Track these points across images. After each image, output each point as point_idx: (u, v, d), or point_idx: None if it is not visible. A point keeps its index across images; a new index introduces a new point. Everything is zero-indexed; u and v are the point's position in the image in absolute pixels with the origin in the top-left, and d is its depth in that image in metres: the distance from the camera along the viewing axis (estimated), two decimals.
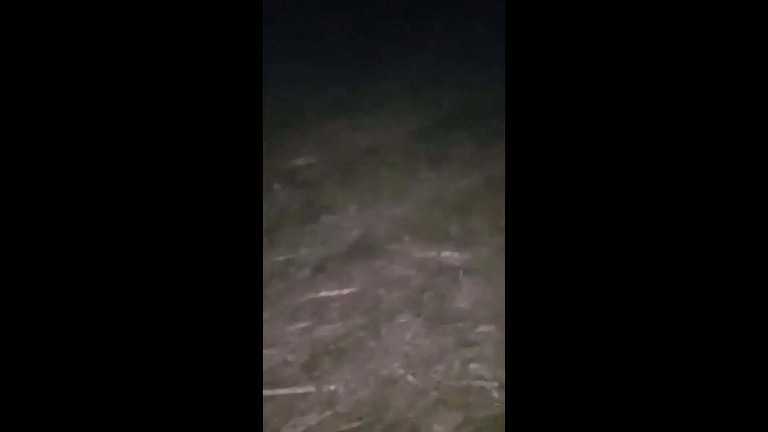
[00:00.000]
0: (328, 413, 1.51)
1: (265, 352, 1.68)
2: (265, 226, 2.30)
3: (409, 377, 1.61)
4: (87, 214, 0.75)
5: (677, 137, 0.76)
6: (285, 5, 9.60)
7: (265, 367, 1.63)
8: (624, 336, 0.76)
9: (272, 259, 2.15)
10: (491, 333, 1.77)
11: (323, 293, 1.97)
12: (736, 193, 0.73)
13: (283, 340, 1.76)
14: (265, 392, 1.55)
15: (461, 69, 4.51)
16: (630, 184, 0.77)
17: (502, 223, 2.32)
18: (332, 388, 1.58)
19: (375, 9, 8.77)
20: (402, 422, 1.47)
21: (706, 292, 0.73)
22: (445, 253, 2.17)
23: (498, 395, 1.53)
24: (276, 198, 2.59)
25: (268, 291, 1.95)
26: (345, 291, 1.98)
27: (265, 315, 1.82)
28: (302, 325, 1.82)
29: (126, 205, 0.76)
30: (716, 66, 0.75)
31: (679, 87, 0.77)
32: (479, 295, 1.95)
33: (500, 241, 2.19)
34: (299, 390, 1.57)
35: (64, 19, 0.75)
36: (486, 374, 1.61)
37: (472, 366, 1.64)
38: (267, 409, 1.50)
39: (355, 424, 1.46)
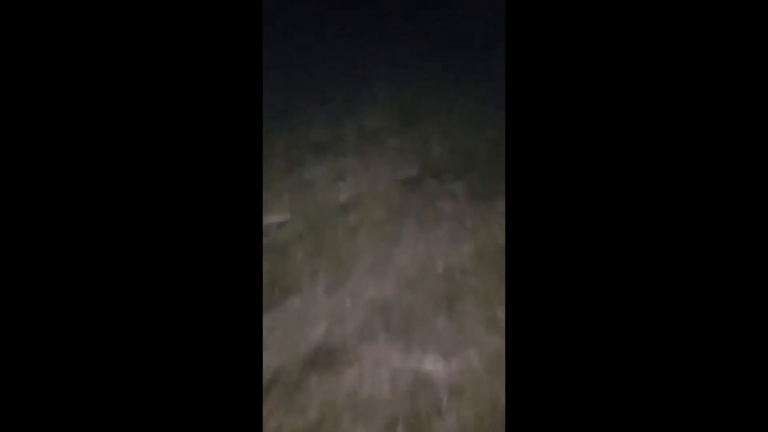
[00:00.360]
0: None
1: None
2: None
3: None
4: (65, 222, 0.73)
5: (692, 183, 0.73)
6: (285, 5, 9.37)
7: None
8: None
9: None
10: None
11: (272, 421, 1.53)
12: (736, 193, 0.71)
13: None
14: None
15: (460, 82, 4.01)
16: (654, 255, 0.73)
17: (500, 312, 1.86)
18: None
19: (375, 9, 8.49)
20: None
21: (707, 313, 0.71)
22: (428, 362, 1.71)
23: None
24: None
25: None
26: (298, 423, 1.53)
27: None
28: None
29: (124, 210, 0.74)
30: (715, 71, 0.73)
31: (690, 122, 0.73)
32: (469, 429, 1.49)
33: (496, 341, 1.73)
34: None
35: (63, 19, 0.74)
36: None
37: None
38: None
39: None
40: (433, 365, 1.70)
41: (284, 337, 1.85)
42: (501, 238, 2.30)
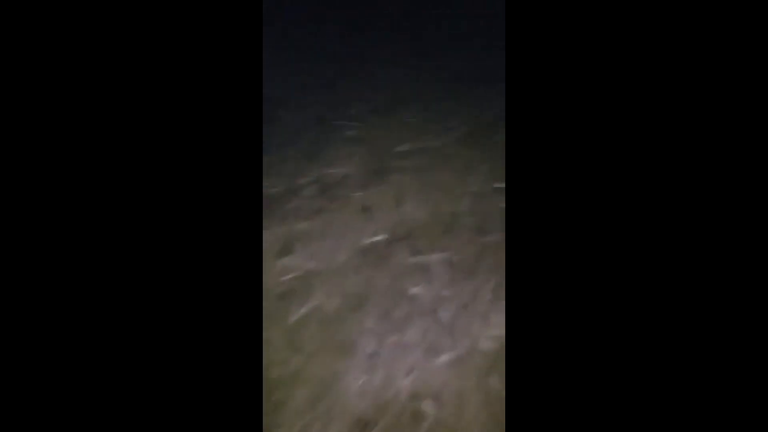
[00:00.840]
0: None
1: None
2: None
3: None
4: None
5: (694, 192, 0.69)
6: (285, 5, 9.15)
7: None
8: None
9: None
10: None
11: None
12: (736, 193, 0.68)
13: None
14: None
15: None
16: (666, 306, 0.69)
17: None
18: None
19: (375, 9, 8.17)
20: None
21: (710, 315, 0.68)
22: None
23: None
24: None
25: None
26: None
27: None
28: None
29: (124, 209, 0.71)
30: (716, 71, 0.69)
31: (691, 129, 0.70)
32: None
33: None
34: None
35: (62, 18, 0.71)
36: None
37: None
38: None
39: None
40: None
41: None
42: (487, 343, 1.63)
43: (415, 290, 1.82)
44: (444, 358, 1.58)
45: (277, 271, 1.93)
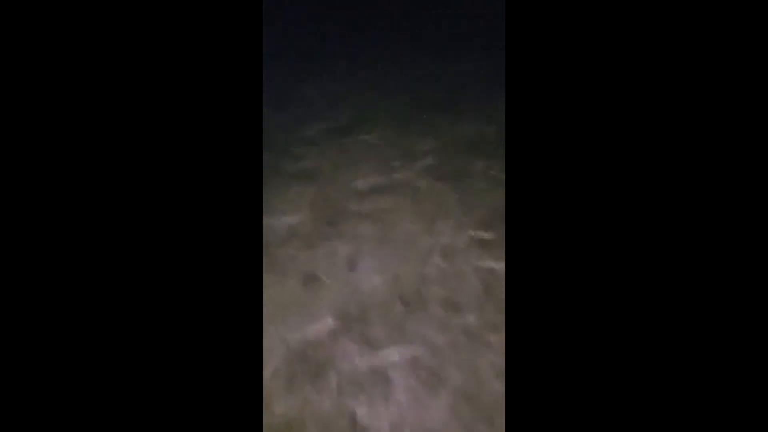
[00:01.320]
0: None
1: None
2: None
3: None
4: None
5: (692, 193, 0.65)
6: (285, 5, 9.13)
7: None
8: None
9: None
10: None
11: None
12: (735, 193, 0.65)
13: None
14: None
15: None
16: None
17: None
18: None
19: (375, 9, 7.79)
20: None
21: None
22: None
23: None
24: None
25: None
26: None
27: None
28: None
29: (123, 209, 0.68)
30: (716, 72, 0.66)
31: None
32: None
33: None
34: None
35: (63, 17, 0.68)
36: None
37: None
38: None
39: None
40: None
41: None
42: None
43: (365, 419, 1.26)
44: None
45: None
